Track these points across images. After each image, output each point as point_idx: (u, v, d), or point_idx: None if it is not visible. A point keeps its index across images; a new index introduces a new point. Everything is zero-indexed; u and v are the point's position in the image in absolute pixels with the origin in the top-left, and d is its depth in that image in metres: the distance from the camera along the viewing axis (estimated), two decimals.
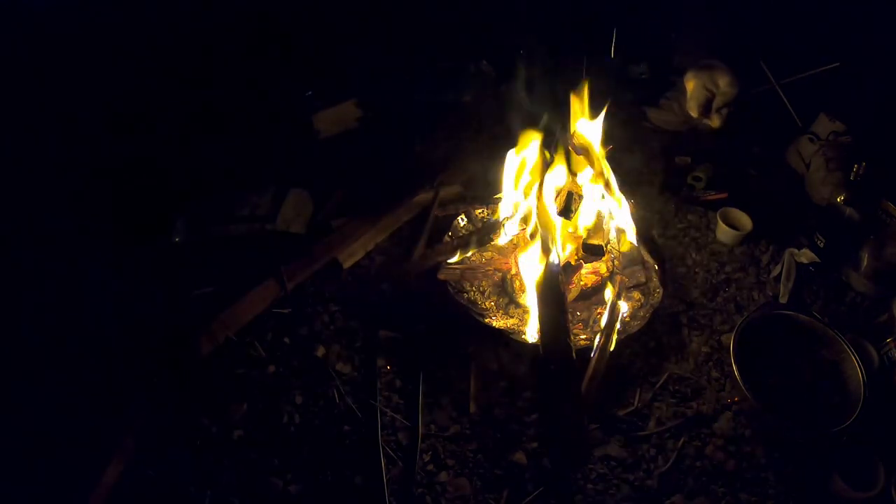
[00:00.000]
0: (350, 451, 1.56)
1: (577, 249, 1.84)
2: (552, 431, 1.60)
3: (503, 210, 1.92)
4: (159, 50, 2.45)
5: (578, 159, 1.80)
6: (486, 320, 1.75)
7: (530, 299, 1.71)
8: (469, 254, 1.87)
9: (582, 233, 1.84)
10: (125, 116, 2.36)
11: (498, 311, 1.81)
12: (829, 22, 2.36)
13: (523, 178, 1.86)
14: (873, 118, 2.24)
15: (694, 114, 1.91)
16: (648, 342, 1.82)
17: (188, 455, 1.52)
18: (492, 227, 1.90)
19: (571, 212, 1.77)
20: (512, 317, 1.79)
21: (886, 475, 1.51)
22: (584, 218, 1.84)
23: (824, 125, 2.32)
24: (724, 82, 1.83)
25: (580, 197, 1.82)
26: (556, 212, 1.76)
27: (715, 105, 1.87)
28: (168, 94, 2.46)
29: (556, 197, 1.81)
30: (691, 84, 1.89)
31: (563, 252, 1.75)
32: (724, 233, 2.14)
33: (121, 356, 1.68)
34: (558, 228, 1.75)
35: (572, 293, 1.81)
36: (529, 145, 1.79)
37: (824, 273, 2.03)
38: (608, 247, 1.89)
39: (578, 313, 1.83)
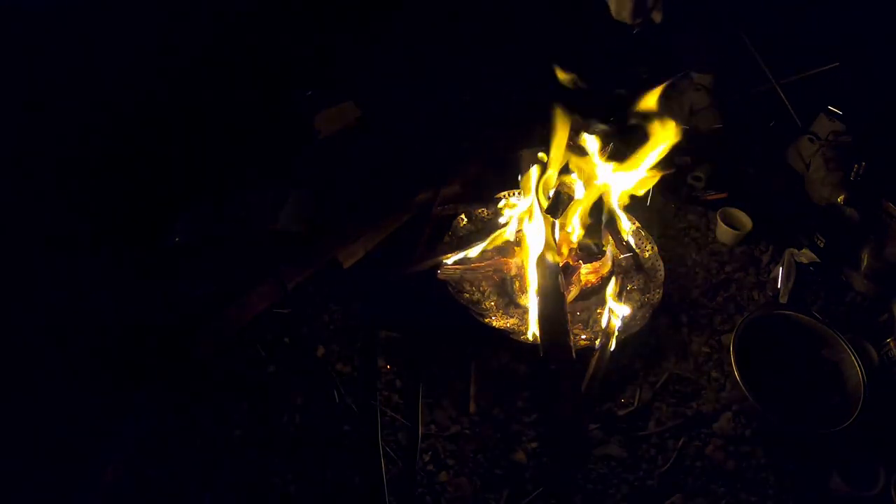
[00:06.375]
0: (350, 451, 1.56)
1: (575, 249, 1.84)
2: (552, 431, 1.60)
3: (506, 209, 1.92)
4: (159, 50, 2.45)
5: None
6: (486, 320, 1.75)
7: (530, 299, 1.71)
8: (469, 254, 1.87)
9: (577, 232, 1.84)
10: (125, 117, 2.36)
11: (498, 311, 1.80)
12: (829, 22, 2.36)
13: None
14: (873, 118, 2.24)
15: (627, 19, 1.96)
16: (648, 342, 1.82)
17: (188, 455, 1.52)
18: (491, 228, 1.90)
19: (559, 211, 1.78)
20: (512, 317, 1.79)
21: (886, 475, 1.51)
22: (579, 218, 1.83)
23: (824, 125, 2.32)
24: None
25: (569, 197, 1.83)
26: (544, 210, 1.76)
27: (649, 2, 1.94)
28: (168, 95, 2.46)
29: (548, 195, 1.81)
30: None
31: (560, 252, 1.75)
32: (724, 233, 2.14)
33: (120, 356, 1.68)
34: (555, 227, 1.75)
35: (572, 293, 1.81)
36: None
37: (824, 273, 2.03)
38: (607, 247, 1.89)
39: (578, 313, 1.83)
